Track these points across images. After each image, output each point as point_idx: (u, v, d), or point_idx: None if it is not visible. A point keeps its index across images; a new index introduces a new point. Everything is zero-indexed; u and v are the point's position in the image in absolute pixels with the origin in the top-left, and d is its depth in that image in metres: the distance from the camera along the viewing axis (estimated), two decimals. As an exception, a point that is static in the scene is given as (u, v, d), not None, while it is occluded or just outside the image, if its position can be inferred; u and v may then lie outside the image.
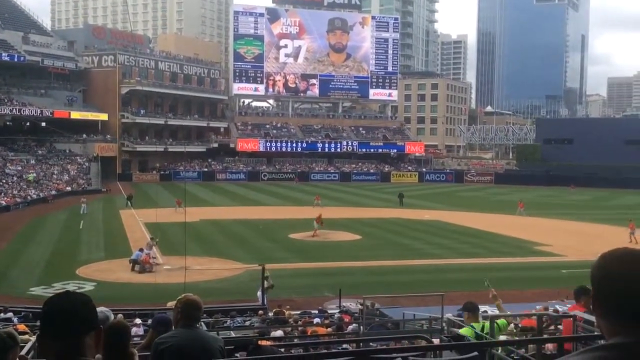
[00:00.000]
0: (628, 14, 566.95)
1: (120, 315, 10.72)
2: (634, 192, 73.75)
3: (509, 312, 15.02)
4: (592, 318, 6.25)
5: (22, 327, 15.26)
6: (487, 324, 8.43)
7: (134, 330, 16.17)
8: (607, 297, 1.84)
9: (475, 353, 6.76)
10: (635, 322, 1.81)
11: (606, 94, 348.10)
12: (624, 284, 1.82)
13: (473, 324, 8.48)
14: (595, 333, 5.92)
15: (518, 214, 51.93)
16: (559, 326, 12.73)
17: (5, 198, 57.30)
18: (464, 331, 8.51)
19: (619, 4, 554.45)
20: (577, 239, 38.81)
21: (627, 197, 69.32)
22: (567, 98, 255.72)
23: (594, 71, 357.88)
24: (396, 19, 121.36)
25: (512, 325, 13.96)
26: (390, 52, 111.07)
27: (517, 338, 11.81)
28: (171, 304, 9.94)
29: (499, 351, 7.75)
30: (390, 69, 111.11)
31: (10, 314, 20.31)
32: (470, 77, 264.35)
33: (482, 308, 20.84)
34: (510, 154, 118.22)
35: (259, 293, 23.13)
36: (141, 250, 30.65)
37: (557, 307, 18.02)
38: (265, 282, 23.24)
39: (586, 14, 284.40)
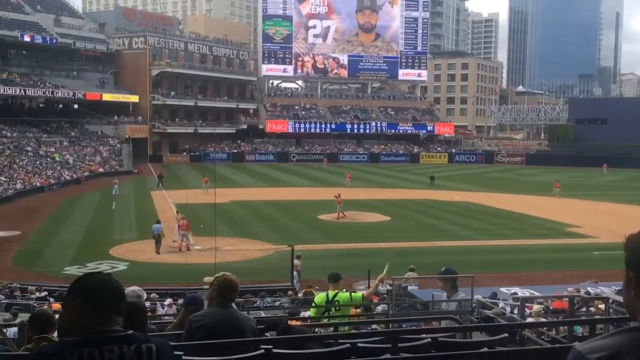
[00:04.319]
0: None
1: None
2: (669, 173, 72.39)
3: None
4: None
5: (56, 306, 15.59)
6: (342, 294, 9.54)
7: (165, 309, 16.46)
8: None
9: (506, 334, 6.76)
10: None
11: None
12: None
13: (330, 291, 9.46)
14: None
15: (555, 195, 51.34)
16: (590, 308, 12.63)
17: (40, 179, 58.23)
18: (318, 297, 10.20)
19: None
20: (610, 220, 38.23)
21: (662, 178, 68.05)
22: (600, 77, 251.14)
23: (628, 49, 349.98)
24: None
25: (539, 307, 13.89)
26: (419, 31, 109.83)
27: (547, 319, 11.76)
28: (208, 279, 10.05)
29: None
30: (419, 48, 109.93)
31: (45, 293, 20.78)
32: (502, 56, 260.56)
33: (512, 289, 20.79)
34: (542, 135, 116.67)
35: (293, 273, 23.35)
36: (159, 222, 30.97)
37: (589, 289, 17.86)
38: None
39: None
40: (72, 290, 2.71)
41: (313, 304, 10.35)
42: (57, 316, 5.41)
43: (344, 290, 10.38)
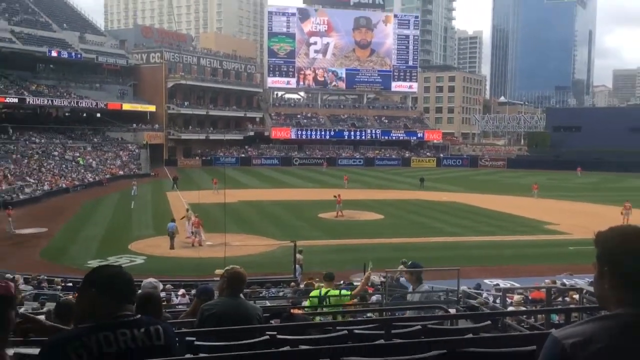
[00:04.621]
0: (633, 11, 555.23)
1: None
2: (637, 175, 72.38)
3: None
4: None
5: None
6: (332, 291, 10.04)
7: (179, 299, 16.45)
8: (627, 271, 1.82)
9: (489, 322, 6.74)
10: None
11: (612, 85, 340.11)
12: None
13: (323, 288, 9.86)
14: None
15: (534, 196, 51.29)
16: (565, 298, 12.62)
17: (65, 181, 58.25)
18: (313, 293, 10.56)
19: (624, 2, 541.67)
20: (583, 218, 38.19)
21: (631, 181, 68.06)
22: (575, 89, 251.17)
23: (600, 64, 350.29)
24: (416, 17, 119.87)
25: (519, 297, 13.88)
26: (411, 47, 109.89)
27: (527, 308, 11.74)
28: (219, 271, 10.08)
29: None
30: (411, 63, 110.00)
31: (70, 284, 20.78)
32: (485, 70, 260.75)
33: (494, 281, 20.76)
34: (522, 141, 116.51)
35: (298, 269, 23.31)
36: (173, 221, 31.00)
37: (565, 280, 17.86)
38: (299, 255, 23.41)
39: (594, 10, 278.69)
40: (87, 281, 2.73)
41: (308, 300, 10.47)
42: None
43: (335, 287, 10.70)
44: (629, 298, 1.81)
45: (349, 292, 10.82)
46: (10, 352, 2.83)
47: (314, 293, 10.27)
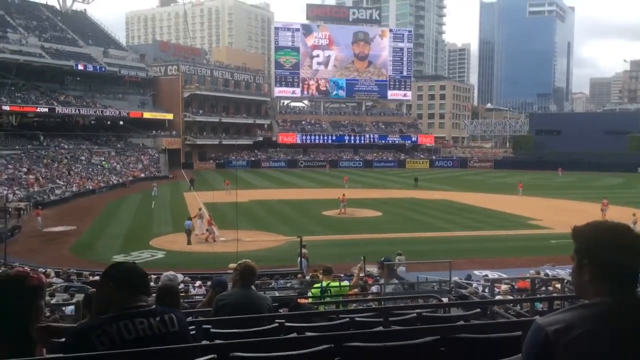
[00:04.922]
0: (607, 24, 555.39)
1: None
2: (613, 175, 72.23)
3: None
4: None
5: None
6: (333, 283, 10.08)
7: (196, 290, 16.46)
8: (604, 264, 1.82)
9: (478, 310, 6.73)
10: (619, 284, 1.80)
11: (589, 92, 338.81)
12: (618, 252, 1.80)
13: (324, 282, 9.92)
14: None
15: (518, 194, 51.18)
16: (548, 287, 12.59)
17: (92, 183, 58.35)
18: (314, 288, 10.47)
19: (600, 15, 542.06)
20: (564, 214, 38.07)
21: (607, 179, 67.91)
22: (555, 96, 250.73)
23: (578, 73, 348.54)
24: (410, 31, 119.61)
25: (506, 287, 13.85)
26: (405, 59, 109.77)
27: (513, 297, 11.72)
28: (232, 265, 10.13)
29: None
30: (405, 73, 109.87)
31: (97, 277, 20.79)
32: (473, 79, 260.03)
33: (484, 272, 20.70)
34: (507, 144, 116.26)
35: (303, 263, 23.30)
36: (190, 219, 31.02)
37: (548, 271, 17.81)
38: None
39: (572, 24, 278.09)
40: (105, 276, 2.76)
41: (311, 292, 10.48)
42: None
43: (334, 279, 10.75)
44: (605, 289, 1.81)
45: (348, 284, 10.87)
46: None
47: (316, 286, 10.30)
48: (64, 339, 2.73)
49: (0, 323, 2.53)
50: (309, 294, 10.88)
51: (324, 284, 9.73)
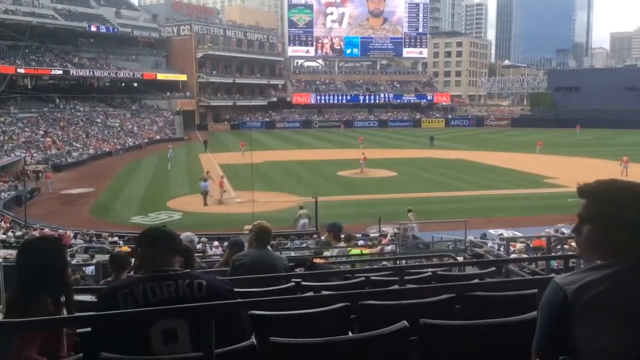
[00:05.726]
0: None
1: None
2: (632, 131, 70.97)
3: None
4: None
5: (125, 248, 15.90)
6: (353, 250, 10.48)
7: (213, 250, 16.70)
8: (626, 224, 1.78)
9: (493, 268, 6.76)
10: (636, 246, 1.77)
11: (609, 47, 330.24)
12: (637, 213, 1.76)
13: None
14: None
15: (536, 152, 50.62)
16: (564, 246, 12.57)
17: (108, 145, 58.81)
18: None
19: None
20: (582, 172, 37.50)
21: (626, 137, 66.75)
22: (574, 51, 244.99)
23: (598, 27, 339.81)
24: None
25: (521, 245, 13.86)
26: (420, 15, 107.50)
27: (528, 255, 11.74)
28: (247, 227, 10.25)
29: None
30: (421, 30, 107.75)
31: (116, 238, 21.19)
32: (490, 35, 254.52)
33: (499, 231, 20.73)
34: (525, 101, 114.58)
35: (301, 222, 23.42)
36: (205, 180, 31.16)
37: (563, 229, 17.75)
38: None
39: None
40: (139, 240, 2.95)
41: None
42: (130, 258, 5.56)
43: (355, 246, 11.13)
44: (620, 250, 1.79)
45: (368, 252, 10.93)
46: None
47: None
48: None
49: (44, 276, 2.93)
50: (327, 253, 10.98)
51: (353, 251, 9.85)
